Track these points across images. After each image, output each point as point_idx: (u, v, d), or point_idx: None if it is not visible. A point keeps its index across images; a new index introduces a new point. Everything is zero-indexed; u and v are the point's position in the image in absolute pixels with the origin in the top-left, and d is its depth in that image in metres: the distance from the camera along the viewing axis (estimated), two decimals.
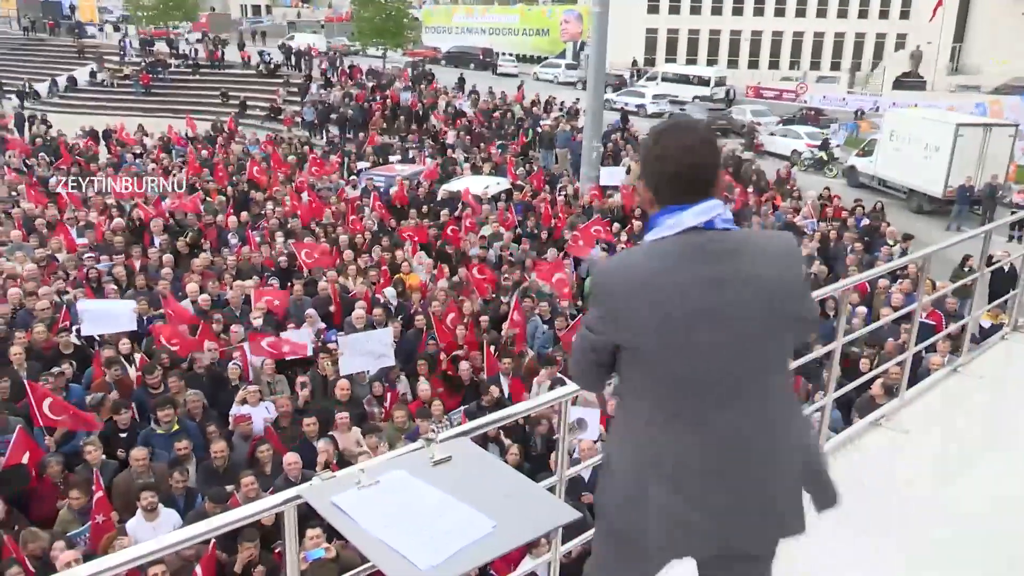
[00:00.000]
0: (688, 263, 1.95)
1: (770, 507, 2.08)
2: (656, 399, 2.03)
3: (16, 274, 10.96)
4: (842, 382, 6.15)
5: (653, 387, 2.03)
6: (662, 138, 2.06)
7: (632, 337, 1.99)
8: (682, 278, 1.94)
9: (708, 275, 1.94)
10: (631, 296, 1.96)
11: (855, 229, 14.98)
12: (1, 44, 48.59)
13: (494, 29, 54.67)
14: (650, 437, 2.04)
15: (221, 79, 37.27)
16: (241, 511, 2.15)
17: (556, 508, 2.11)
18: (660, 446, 2.02)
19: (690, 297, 1.93)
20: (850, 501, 3.98)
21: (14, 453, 6.76)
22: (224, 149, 22.78)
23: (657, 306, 1.94)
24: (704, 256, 1.96)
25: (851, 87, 44.77)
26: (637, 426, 2.09)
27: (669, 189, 2.01)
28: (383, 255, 12.62)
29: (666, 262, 1.97)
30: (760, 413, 2.03)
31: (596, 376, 2.20)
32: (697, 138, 2.04)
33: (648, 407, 2.05)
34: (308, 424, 7.58)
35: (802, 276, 2.12)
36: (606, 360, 2.10)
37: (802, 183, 21.37)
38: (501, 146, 23.57)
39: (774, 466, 2.06)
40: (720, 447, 2.00)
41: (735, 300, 1.94)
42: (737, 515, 2.03)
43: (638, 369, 2.04)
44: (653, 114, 34.17)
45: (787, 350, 2.14)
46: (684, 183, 1.99)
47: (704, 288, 1.93)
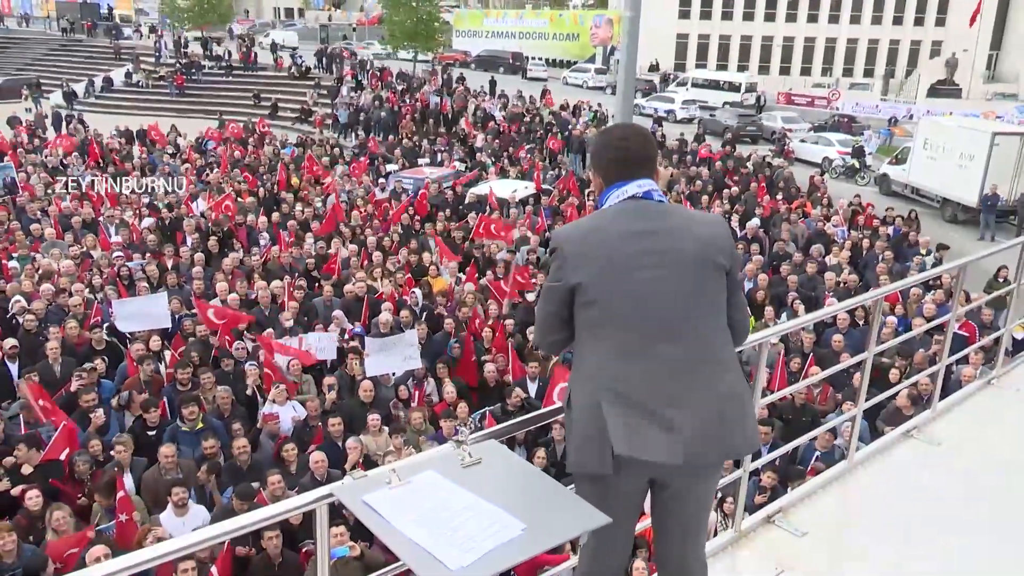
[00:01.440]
0: (628, 218, 2.37)
1: (716, 423, 2.30)
2: (607, 337, 2.31)
3: (52, 271, 11.17)
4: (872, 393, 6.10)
5: (603, 326, 2.32)
6: (606, 133, 2.58)
7: (584, 278, 2.31)
8: (623, 228, 2.35)
9: (645, 227, 2.35)
10: (581, 242, 2.35)
11: (888, 238, 14.78)
12: (40, 44, 49.64)
13: (524, 33, 54.77)
14: (602, 369, 2.31)
15: (254, 81, 37.73)
16: (272, 508, 2.18)
17: (585, 512, 2.11)
18: (612, 376, 2.29)
19: (630, 242, 2.32)
20: (880, 511, 3.97)
21: (55, 447, 6.89)
22: (256, 151, 23.04)
23: (602, 247, 2.32)
24: (642, 214, 2.38)
25: (884, 94, 44.24)
26: (591, 364, 2.34)
27: (613, 170, 2.44)
28: (410, 258, 12.70)
29: (610, 218, 2.39)
30: (701, 346, 2.33)
31: (558, 335, 2.46)
32: (632, 131, 2.55)
33: (601, 346, 2.32)
34: (333, 424, 7.64)
35: (730, 237, 2.47)
36: (565, 315, 2.40)
37: (834, 191, 21.14)
38: (530, 150, 23.59)
39: (718, 390, 2.32)
40: (667, 373, 2.28)
41: (669, 247, 2.33)
42: (688, 428, 2.25)
43: (590, 312, 2.33)
44: (683, 119, 34.01)
45: (721, 296, 2.41)
46: (623, 165, 2.43)
47: (642, 236, 2.33)
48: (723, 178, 19.89)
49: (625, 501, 2.41)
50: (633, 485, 2.39)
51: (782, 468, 7.12)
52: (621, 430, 2.24)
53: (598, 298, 2.31)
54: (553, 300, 2.41)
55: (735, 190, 18.30)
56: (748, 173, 20.46)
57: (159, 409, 7.78)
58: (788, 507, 3.94)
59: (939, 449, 4.58)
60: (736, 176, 20.12)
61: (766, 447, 7.29)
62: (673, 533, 2.52)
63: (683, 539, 2.53)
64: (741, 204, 16.81)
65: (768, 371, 8.66)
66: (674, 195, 17.54)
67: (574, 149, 24.19)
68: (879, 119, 35.37)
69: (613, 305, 2.30)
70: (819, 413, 8.40)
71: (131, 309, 9.58)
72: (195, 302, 10.01)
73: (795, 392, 8.10)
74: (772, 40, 51.61)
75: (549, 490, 2.19)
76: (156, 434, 7.59)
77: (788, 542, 3.67)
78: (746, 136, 30.56)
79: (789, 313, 10.67)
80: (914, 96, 42.18)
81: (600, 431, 2.25)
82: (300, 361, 8.99)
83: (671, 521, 2.50)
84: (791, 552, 3.59)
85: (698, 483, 2.43)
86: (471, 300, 10.88)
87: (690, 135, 27.06)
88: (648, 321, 2.30)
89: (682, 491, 2.42)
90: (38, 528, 6.07)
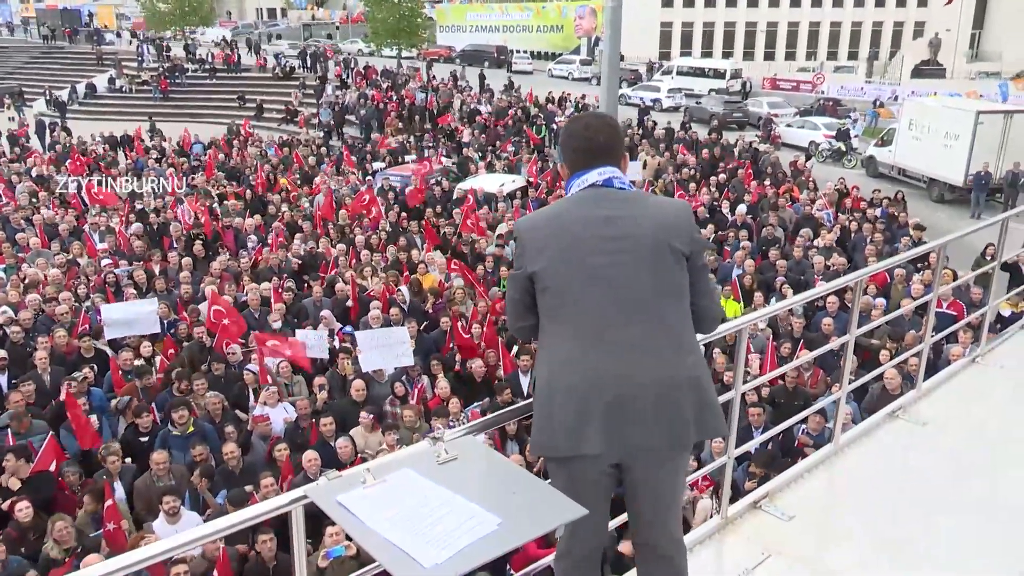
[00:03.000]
0: (588, 205, 2.42)
1: (668, 408, 2.32)
2: (563, 322, 2.37)
3: (38, 280, 11.11)
4: (862, 375, 6.11)
5: (559, 312, 2.37)
6: (572, 123, 2.63)
7: (541, 265, 2.37)
8: (582, 214, 2.39)
9: (604, 214, 2.39)
10: (541, 228, 2.42)
11: (879, 219, 14.79)
12: (21, 52, 49.29)
13: (508, 27, 54.64)
14: (556, 356, 2.37)
15: (238, 83, 37.55)
16: (250, 511, 2.17)
17: (562, 504, 2.10)
18: (564, 361, 2.35)
19: (588, 227, 2.36)
20: (867, 493, 3.98)
21: (43, 459, 6.86)
22: (241, 152, 22.94)
23: (560, 233, 2.37)
24: (601, 201, 2.42)
25: (869, 77, 44.28)
26: (548, 350, 2.41)
27: (579, 158, 2.50)
28: (399, 255, 12.67)
29: (570, 205, 2.45)
30: (660, 329, 2.35)
31: (525, 321, 2.52)
32: (597, 120, 2.59)
33: (557, 331, 2.38)
34: (325, 424, 7.62)
35: (692, 222, 2.49)
36: (529, 302, 2.46)
37: (821, 174, 21.17)
38: (516, 144, 23.55)
39: (675, 373, 2.34)
40: (620, 358, 2.31)
41: (627, 232, 2.36)
42: (631, 416, 2.30)
43: (547, 298, 2.39)
44: (669, 108, 33.97)
45: (682, 281, 2.42)
46: (587, 154, 2.49)
47: (600, 222, 2.37)
48: (710, 165, 19.89)
49: (592, 485, 2.44)
50: (594, 469, 2.41)
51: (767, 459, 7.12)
52: (570, 421, 2.32)
53: (553, 284, 2.37)
54: (516, 288, 2.49)
55: (723, 177, 18.31)
56: (735, 159, 20.47)
57: (151, 414, 7.75)
58: (775, 491, 3.95)
59: (925, 429, 4.60)
60: (724, 163, 20.12)
61: (758, 430, 7.31)
62: (643, 515, 2.55)
63: (652, 521, 2.55)
64: (730, 191, 16.81)
65: (759, 356, 8.68)
66: (662, 183, 17.54)
67: (560, 141, 24.15)
68: (864, 102, 35.42)
69: (569, 291, 2.35)
70: (811, 396, 8.42)
71: (119, 315, 9.50)
72: (254, 337, 9.43)
73: (786, 376, 8.12)
74: (756, 26, 51.65)
75: (526, 484, 2.18)
76: (148, 440, 7.56)
77: (775, 527, 3.68)
78: (732, 123, 30.56)
79: (778, 297, 10.69)
80: (898, 77, 42.30)
81: (553, 418, 2.36)
82: (294, 358, 8.98)
83: (639, 504, 2.53)
84: (778, 536, 3.59)
85: (659, 468, 2.44)
86: (460, 296, 10.87)
87: (676, 124, 27.04)
88: (603, 306, 2.34)
89: (645, 476, 2.45)
90: (29, 540, 6.04)
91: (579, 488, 2.34)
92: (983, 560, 3.49)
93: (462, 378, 9.19)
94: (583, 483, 2.41)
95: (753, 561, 3.41)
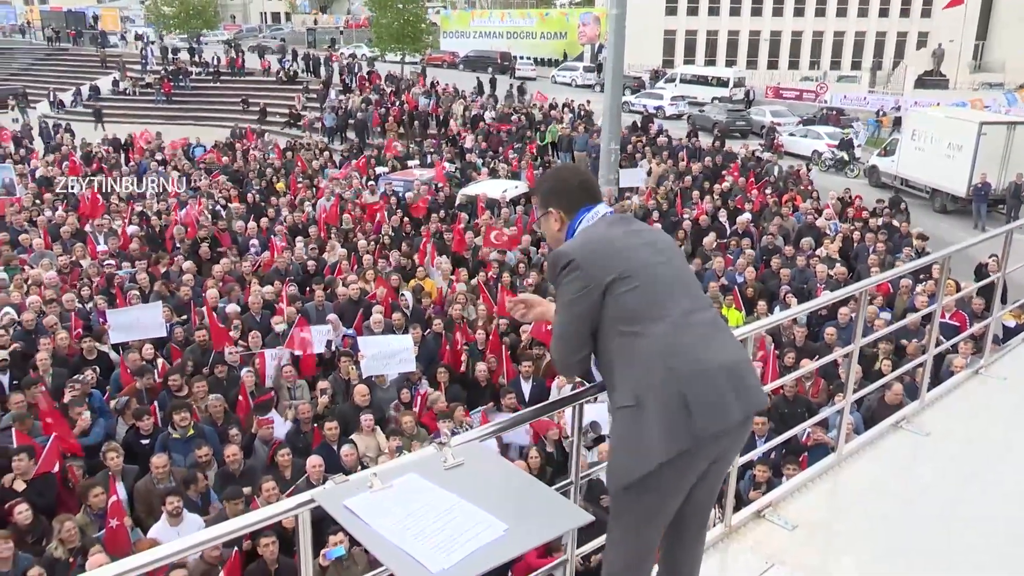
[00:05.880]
0: (616, 224, 2.61)
1: (752, 375, 2.54)
2: (657, 318, 2.41)
3: (41, 281, 11.12)
4: (863, 384, 6.11)
5: (652, 307, 2.42)
6: (556, 172, 2.88)
7: (623, 269, 2.43)
8: (619, 231, 2.57)
9: (634, 228, 2.63)
10: (593, 249, 2.49)
11: (882, 229, 14.77)
12: (26, 54, 49.44)
13: (512, 33, 54.77)
14: (664, 348, 2.37)
15: (242, 86, 37.63)
16: (257, 514, 2.16)
17: (568, 511, 2.11)
18: (675, 350, 2.37)
19: (630, 238, 2.54)
20: (870, 503, 3.97)
21: (47, 461, 6.85)
22: (244, 157, 22.98)
23: (613, 246, 2.50)
24: (622, 220, 2.67)
25: (872, 87, 44.34)
26: (647, 350, 2.38)
27: (578, 197, 2.67)
28: (401, 260, 12.67)
29: (602, 227, 2.60)
30: (718, 317, 2.60)
31: (582, 352, 2.53)
32: (577, 165, 2.95)
33: (652, 329, 2.39)
34: (330, 428, 7.62)
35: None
36: (592, 326, 2.47)
37: (823, 184, 21.17)
38: (518, 150, 23.59)
39: (741, 349, 2.61)
40: (710, 336, 2.46)
41: (657, 239, 2.63)
42: (740, 382, 2.43)
43: (638, 298, 2.42)
44: (671, 116, 34.02)
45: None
46: (585, 191, 2.69)
47: (635, 234, 2.58)
48: (713, 173, 19.91)
49: (690, 480, 2.49)
50: (701, 464, 2.46)
51: (775, 460, 7.12)
52: (712, 398, 2.36)
53: (641, 282, 2.44)
54: (581, 310, 2.47)
55: (726, 185, 18.33)
56: (738, 168, 20.49)
57: (152, 417, 7.75)
58: (778, 501, 3.94)
59: (928, 439, 4.60)
60: (726, 171, 20.14)
61: (761, 439, 7.31)
62: (700, 503, 2.64)
63: (706, 507, 2.70)
64: (732, 199, 16.82)
65: (759, 366, 8.67)
66: (663, 190, 17.55)
67: (563, 148, 24.19)
68: (867, 111, 35.46)
69: (653, 286, 2.46)
70: (814, 406, 8.41)
71: (125, 319, 9.52)
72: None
73: (786, 385, 8.11)
74: (759, 35, 51.76)
75: (532, 490, 2.19)
76: (149, 443, 7.56)
77: (779, 536, 3.67)
78: (735, 131, 30.60)
79: (782, 306, 10.69)
80: (901, 88, 42.30)
81: (682, 409, 2.33)
82: (302, 349, 9.06)
83: (703, 493, 2.62)
84: (782, 546, 3.59)
85: (740, 440, 2.58)
86: (463, 300, 10.87)
87: (678, 132, 27.07)
88: (681, 297, 2.49)
89: (728, 450, 2.55)
90: (26, 542, 6.04)
91: (678, 490, 2.45)
92: (986, 572, 3.48)
93: (466, 382, 9.20)
94: (687, 480, 2.46)
95: (756, 570, 3.41)
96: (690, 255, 13.23)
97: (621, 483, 2.40)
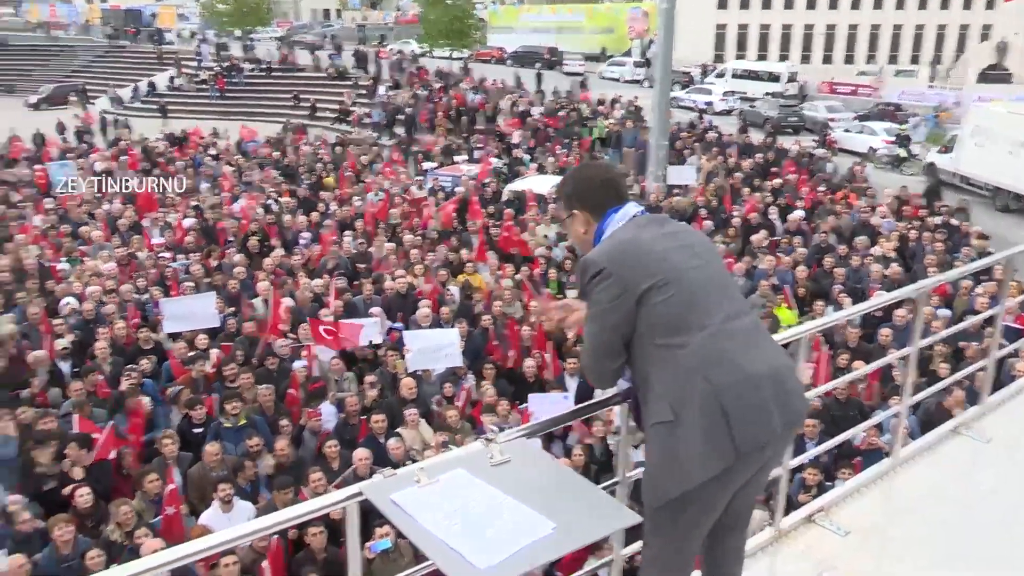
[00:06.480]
0: (649, 226, 2.48)
1: (794, 381, 2.44)
2: (694, 327, 2.30)
3: (100, 272, 11.45)
4: (920, 387, 5.94)
5: (689, 315, 2.32)
6: (579, 171, 2.82)
7: (659, 277, 2.32)
8: (652, 234, 2.44)
9: (667, 230, 2.49)
10: (626, 252, 2.38)
11: (940, 228, 14.34)
12: (87, 51, 50.92)
13: (560, 28, 54.52)
14: (703, 358, 2.28)
15: (293, 82, 38.20)
16: (306, 506, 2.19)
17: (616, 511, 2.08)
18: (713, 359, 2.28)
19: (665, 241, 2.42)
20: (927, 510, 3.86)
21: (104, 448, 7.06)
22: (297, 151, 23.33)
23: (648, 251, 2.38)
24: (655, 221, 2.53)
25: (932, 81, 43.04)
26: (685, 359, 2.28)
27: (603, 197, 2.55)
28: (449, 255, 12.73)
29: (634, 230, 2.46)
30: (758, 321, 2.52)
31: (615, 362, 2.42)
32: (603, 163, 2.95)
33: (690, 339, 2.29)
34: (377, 421, 7.69)
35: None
36: (626, 335, 2.36)
37: (879, 181, 20.66)
38: (566, 146, 23.49)
39: (784, 356, 2.51)
40: (753, 343, 2.37)
41: (694, 241, 2.50)
42: (779, 388, 2.34)
43: (674, 307, 2.32)
44: (721, 111, 33.54)
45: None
46: (611, 189, 2.57)
47: (670, 236, 2.45)
48: (764, 170, 19.58)
49: (731, 490, 2.41)
50: (742, 478, 2.38)
51: (826, 463, 6.98)
52: (753, 412, 2.27)
53: (677, 290, 2.33)
54: (616, 318, 2.35)
55: (778, 181, 18.01)
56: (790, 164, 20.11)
57: (204, 407, 7.92)
58: (830, 506, 3.85)
59: (990, 446, 4.44)
60: (777, 167, 19.79)
61: (812, 442, 7.17)
62: (739, 513, 2.61)
63: (744, 519, 2.65)
64: (784, 196, 16.51)
65: (812, 367, 8.49)
66: (713, 187, 17.31)
67: (612, 144, 24.03)
68: (926, 107, 34.47)
69: (690, 293, 2.35)
70: (867, 409, 8.22)
71: (179, 309, 9.73)
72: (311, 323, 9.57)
73: (838, 387, 7.94)
74: (813, 28, 50.70)
75: (580, 489, 2.16)
76: (202, 432, 7.73)
77: (830, 542, 3.59)
78: (788, 127, 30.03)
79: (835, 307, 10.47)
80: (962, 82, 41.03)
81: (723, 425, 2.24)
82: (350, 341, 9.18)
83: (744, 501, 2.57)
84: (833, 552, 3.51)
85: (781, 451, 2.58)
86: (509, 296, 10.88)
87: (729, 127, 26.66)
88: (719, 303, 2.39)
89: (770, 458, 2.48)
90: (86, 526, 6.22)
91: (718, 505, 2.38)
92: None
93: (512, 377, 9.21)
94: (727, 494, 2.38)
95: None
96: (739, 253, 13.04)
97: (659, 500, 2.32)
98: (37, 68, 48.86)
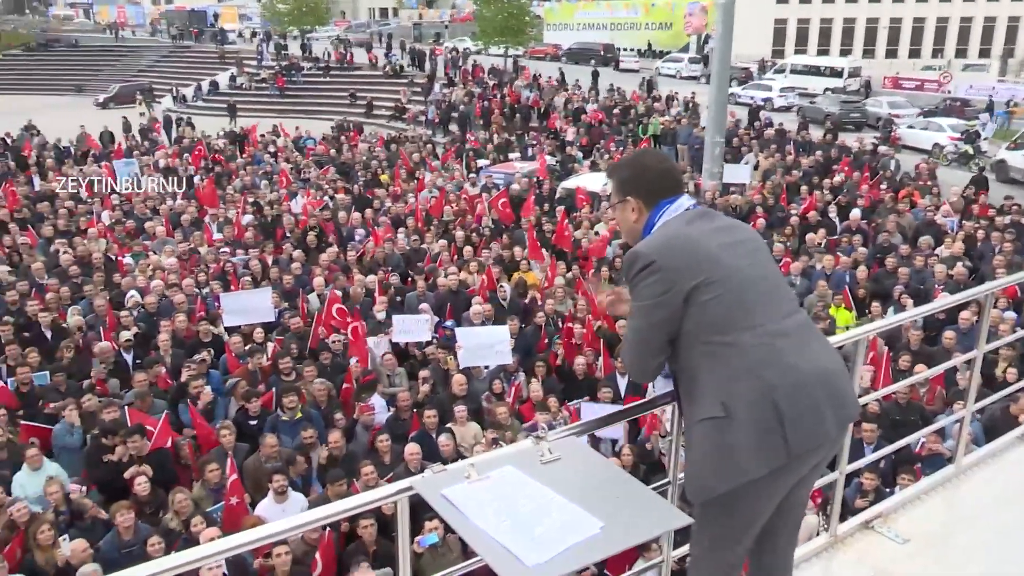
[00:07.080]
0: (700, 220, 2.41)
1: (846, 380, 2.40)
2: (746, 327, 2.25)
3: (162, 267, 11.80)
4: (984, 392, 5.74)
5: (740, 316, 2.26)
6: (637, 157, 2.69)
7: (708, 274, 2.25)
8: (702, 229, 2.36)
9: (718, 225, 2.42)
10: (674, 247, 2.31)
11: (1010, 228, 13.80)
12: (152, 52, 52.45)
13: (616, 24, 54.14)
14: (756, 358, 2.23)
15: (350, 80, 38.74)
16: (358, 499, 2.22)
17: (666, 512, 2.06)
18: (769, 357, 2.23)
19: (715, 237, 2.34)
20: (990, 519, 3.73)
21: (160, 437, 7.27)
22: (352, 149, 23.67)
23: (697, 246, 2.30)
24: (706, 215, 2.46)
25: (1002, 75, 41.51)
26: (735, 359, 2.23)
27: (658, 187, 2.47)
28: (502, 252, 12.76)
29: (683, 224, 2.38)
30: (809, 320, 2.47)
31: (657, 359, 2.38)
32: (661, 153, 2.78)
33: (742, 338, 2.24)
34: (429, 416, 7.77)
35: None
36: (671, 333, 2.30)
37: (945, 179, 20.00)
38: (620, 143, 23.32)
39: (839, 359, 2.42)
40: (806, 343, 2.32)
41: (744, 237, 2.42)
42: (833, 390, 2.29)
43: (723, 306, 2.25)
44: (780, 108, 32.88)
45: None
46: (668, 179, 2.49)
47: (721, 232, 2.38)
48: (824, 167, 19.14)
49: (771, 507, 2.37)
50: (793, 478, 2.35)
51: (885, 468, 6.80)
52: (806, 412, 2.22)
53: (726, 289, 2.26)
54: (661, 315, 2.29)
55: (837, 179, 17.58)
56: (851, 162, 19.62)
57: (260, 400, 8.09)
58: (889, 512, 3.75)
59: None
60: (838, 165, 19.32)
61: (870, 446, 6.99)
62: (797, 513, 2.57)
63: (795, 528, 2.62)
64: (844, 194, 16.10)
65: (870, 369, 8.28)
66: (770, 185, 16.99)
67: (667, 141, 23.78)
68: (996, 102, 33.23)
69: (741, 292, 2.28)
70: (928, 414, 7.98)
71: (237, 303, 9.99)
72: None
73: (899, 391, 7.72)
74: (877, 22, 49.36)
75: (629, 489, 2.14)
76: (257, 424, 7.90)
77: (888, 549, 3.49)
78: (849, 123, 29.27)
79: (896, 308, 10.18)
80: None
81: (776, 424, 2.19)
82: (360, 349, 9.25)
83: (794, 503, 2.50)
84: (891, 559, 3.41)
85: (830, 453, 2.45)
86: (561, 294, 10.86)
87: (788, 124, 26.13)
88: (771, 301, 2.34)
89: (820, 463, 2.43)
90: (145, 513, 6.42)
91: (768, 506, 2.34)
92: None
93: (562, 374, 9.19)
94: (778, 495, 2.34)
95: None
96: (796, 252, 12.79)
97: (704, 495, 2.28)
98: (106, 68, 50.54)
